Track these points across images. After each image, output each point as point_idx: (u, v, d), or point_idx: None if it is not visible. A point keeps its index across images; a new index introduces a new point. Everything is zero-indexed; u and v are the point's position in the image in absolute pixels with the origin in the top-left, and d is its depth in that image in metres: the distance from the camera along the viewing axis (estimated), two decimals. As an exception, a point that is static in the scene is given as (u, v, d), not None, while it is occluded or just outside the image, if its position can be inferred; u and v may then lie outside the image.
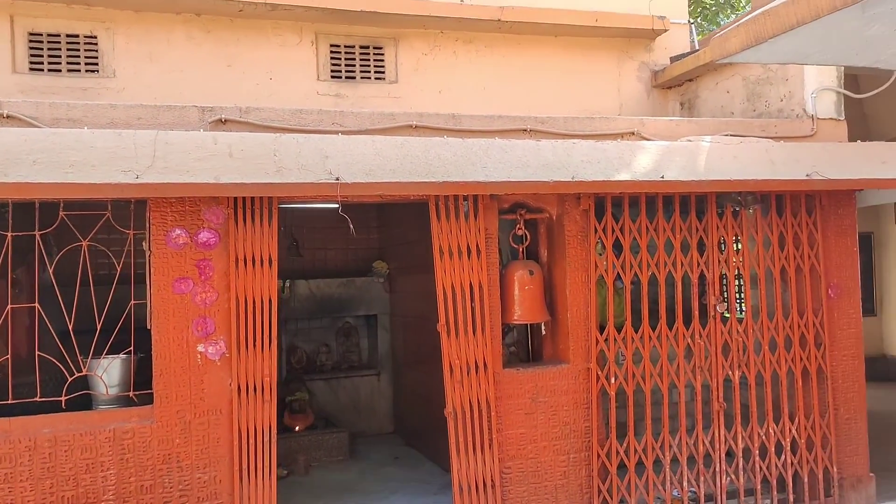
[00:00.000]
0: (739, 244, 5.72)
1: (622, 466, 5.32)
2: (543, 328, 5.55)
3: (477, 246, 5.06)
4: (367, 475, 6.56)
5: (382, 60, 6.86)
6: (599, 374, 5.28)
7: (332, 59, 6.73)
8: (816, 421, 5.69)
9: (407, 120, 5.18)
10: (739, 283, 6.33)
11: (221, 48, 6.43)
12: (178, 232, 4.52)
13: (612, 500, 5.26)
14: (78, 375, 4.55)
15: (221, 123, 4.79)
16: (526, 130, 5.42)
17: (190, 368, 4.52)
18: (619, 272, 5.37)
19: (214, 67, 6.38)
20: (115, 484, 4.36)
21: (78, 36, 6.13)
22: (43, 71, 6.02)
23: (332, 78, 6.71)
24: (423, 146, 4.76)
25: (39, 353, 4.38)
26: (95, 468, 4.34)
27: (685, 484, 5.44)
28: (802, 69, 6.04)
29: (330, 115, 5.05)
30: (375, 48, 6.86)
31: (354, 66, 6.79)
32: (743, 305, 5.84)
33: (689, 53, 7.31)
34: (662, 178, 5.07)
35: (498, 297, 5.17)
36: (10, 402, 4.35)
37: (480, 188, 4.86)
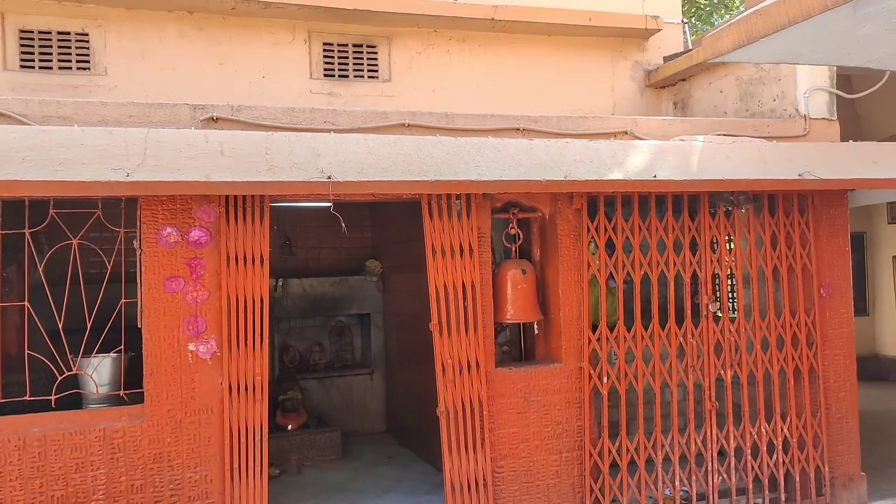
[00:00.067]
0: (732, 244, 5.73)
1: (614, 465, 5.32)
2: (536, 327, 5.55)
3: (470, 245, 5.05)
4: (359, 474, 6.55)
5: (376, 59, 6.85)
6: (592, 373, 5.29)
7: (325, 57, 6.71)
8: (808, 420, 5.70)
9: (400, 119, 5.17)
10: (732, 282, 6.33)
11: (214, 46, 6.40)
12: (169, 230, 4.51)
13: (604, 499, 5.26)
14: (68, 374, 4.53)
15: (213, 122, 4.77)
16: (519, 129, 5.41)
17: (181, 367, 4.51)
18: (611, 271, 5.38)
19: (207, 65, 6.36)
20: (105, 483, 4.35)
21: (69, 33, 6.10)
22: (34, 68, 5.99)
23: (325, 76, 6.70)
24: (415, 145, 4.75)
25: (29, 351, 4.35)
26: (85, 467, 4.32)
27: (677, 483, 5.44)
28: (795, 69, 6.05)
29: (322, 113, 5.04)
30: (369, 47, 6.84)
31: (348, 64, 6.77)
32: (735, 305, 5.84)
33: (682, 53, 7.31)
34: (655, 177, 5.07)
35: (490, 296, 5.16)
36: (-1, 401, 4.33)
37: (473, 187, 4.86)
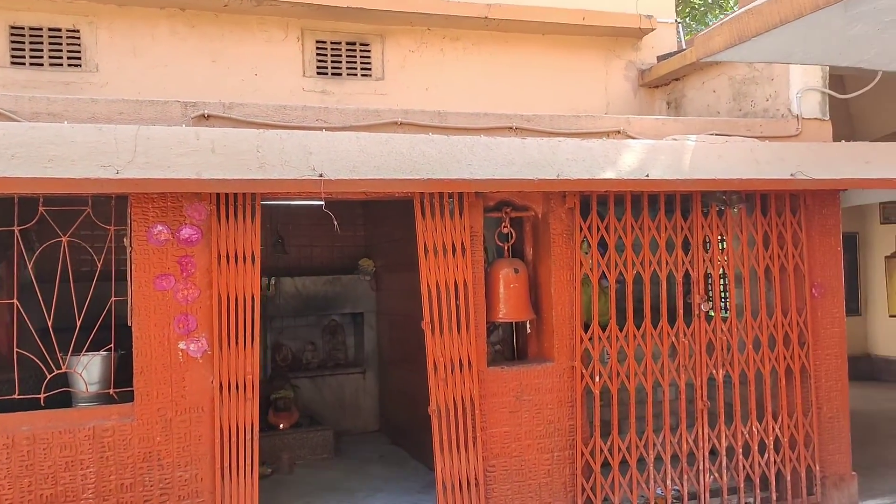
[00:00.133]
0: (724, 243, 5.74)
1: (606, 465, 5.32)
2: (529, 326, 5.54)
3: (462, 244, 5.04)
4: (351, 473, 6.54)
5: (369, 57, 6.83)
6: (584, 372, 5.28)
7: (318, 55, 6.69)
8: (799, 420, 5.71)
9: (392, 117, 5.15)
10: (724, 282, 6.34)
11: (206, 43, 6.37)
12: (159, 228, 4.48)
13: (595, 498, 5.26)
14: (57, 373, 4.49)
15: (204, 119, 4.74)
16: (512, 128, 5.40)
17: (171, 366, 4.49)
18: (604, 271, 5.37)
19: (199, 63, 6.33)
20: (94, 482, 4.32)
21: (60, 30, 6.06)
22: (25, 65, 5.95)
23: (318, 74, 6.67)
24: (407, 143, 4.74)
25: (19, 349, 4.32)
26: (75, 466, 4.30)
27: (669, 482, 5.45)
28: (788, 69, 6.06)
29: (314, 111, 5.01)
30: (362, 45, 6.82)
31: (341, 62, 6.75)
32: (727, 304, 5.85)
33: (676, 53, 7.31)
34: (647, 176, 5.07)
35: (483, 295, 5.15)
36: (-12, 399, 4.30)
37: (465, 186, 4.85)
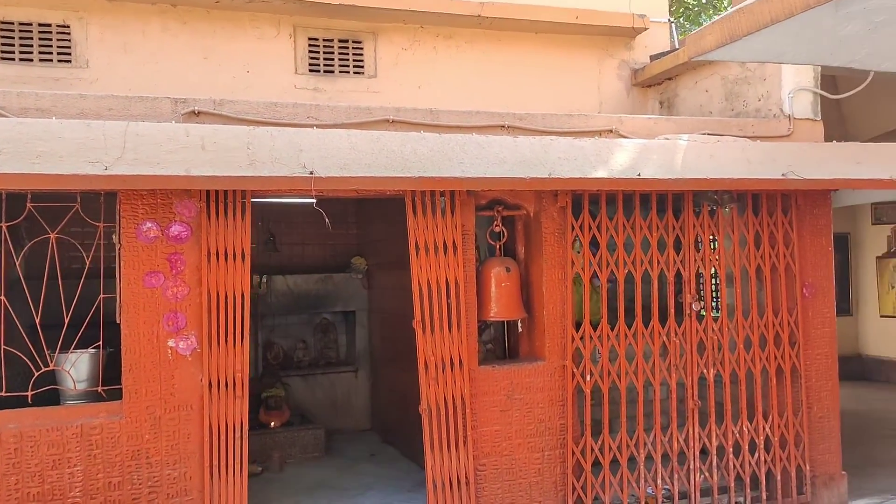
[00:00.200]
0: (716, 243, 5.74)
1: (597, 464, 5.32)
2: (520, 325, 5.54)
3: (454, 242, 5.03)
4: (342, 472, 6.52)
5: (361, 55, 6.80)
6: (575, 371, 5.28)
7: (310, 52, 6.66)
8: (790, 419, 5.72)
9: (384, 114, 5.13)
10: (715, 281, 6.35)
11: (198, 40, 6.34)
12: (148, 225, 4.46)
13: (586, 497, 5.26)
14: (45, 370, 4.46)
15: (195, 115, 4.71)
16: (504, 127, 5.38)
17: (160, 363, 4.46)
18: (595, 270, 5.37)
19: (190, 59, 6.30)
20: (82, 480, 4.29)
21: (50, 25, 6.02)
22: (14, 60, 5.90)
23: (310, 72, 6.65)
24: (399, 141, 4.72)
25: (6, 347, 4.29)
26: (62, 464, 4.27)
27: (659, 481, 5.45)
28: (780, 69, 6.06)
29: (305, 108, 4.99)
30: (354, 42, 6.80)
31: (333, 60, 6.73)
32: (718, 304, 5.85)
33: (668, 52, 7.31)
34: (639, 175, 5.06)
35: (474, 293, 5.14)
36: (-26, 396, 4.27)
37: (457, 184, 4.83)
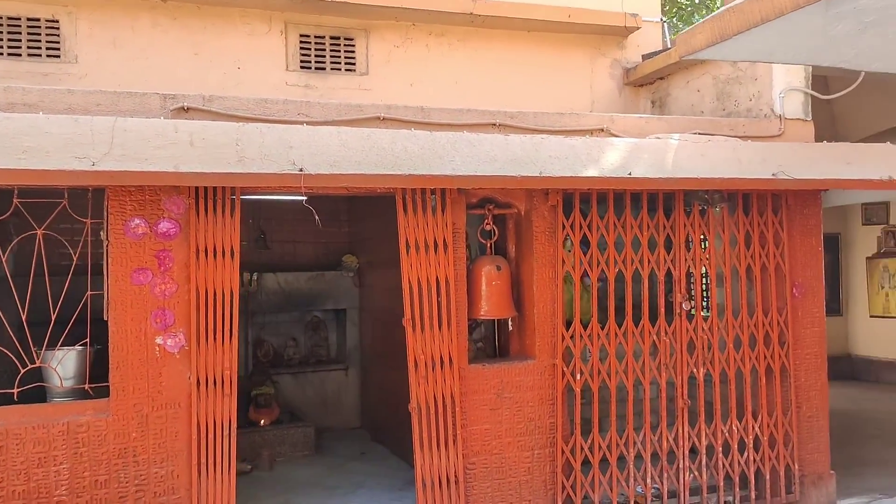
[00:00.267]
0: (706, 242, 5.75)
1: (586, 463, 5.32)
2: (511, 324, 5.53)
3: (444, 240, 5.01)
4: (332, 470, 6.51)
5: (353, 52, 6.78)
6: (565, 370, 5.27)
7: (301, 49, 6.63)
8: (779, 418, 5.73)
9: (375, 112, 5.11)
10: (706, 281, 6.36)
11: (188, 36, 6.30)
12: (137, 221, 4.43)
13: (575, 496, 5.26)
14: (32, 367, 4.43)
15: (184, 112, 4.68)
16: (495, 125, 5.36)
17: (148, 361, 4.43)
18: (586, 269, 5.37)
19: (180, 55, 6.26)
20: (68, 478, 4.26)
21: (39, 20, 5.97)
22: (2, 55, 5.86)
23: (301, 68, 6.62)
24: (389, 138, 4.70)
25: (-8, 344, 4.28)
26: (48, 462, 4.24)
27: (648, 480, 5.45)
28: (771, 69, 6.07)
29: (296, 105, 4.96)
30: (346, 39, 6.77)
31: (325, 56, 6.70)
32: (708, 303, 5.86)
33: (661, 51, 7.32)
34: (630, 175, 5.06)
35: (465, 292, 5.13)
36: (-41, 394, 4.23)
37: (447, 182, 4.82)
